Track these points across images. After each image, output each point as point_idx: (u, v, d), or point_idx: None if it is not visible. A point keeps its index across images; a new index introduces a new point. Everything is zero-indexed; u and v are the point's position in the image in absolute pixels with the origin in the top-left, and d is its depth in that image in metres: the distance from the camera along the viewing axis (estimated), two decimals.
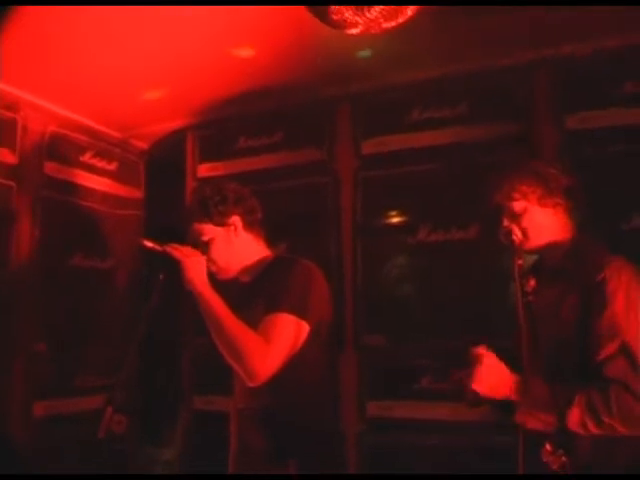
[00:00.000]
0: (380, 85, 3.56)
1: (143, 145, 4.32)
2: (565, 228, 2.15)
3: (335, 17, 2.17)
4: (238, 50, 3.25)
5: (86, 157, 3.94)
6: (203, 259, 2.24)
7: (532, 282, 2.17)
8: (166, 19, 2.87)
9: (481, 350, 1.99)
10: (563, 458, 1.89)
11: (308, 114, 3.79)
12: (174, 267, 2.16)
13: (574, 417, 1.86)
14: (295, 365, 2.17)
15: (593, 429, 1.86)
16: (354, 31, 2.18)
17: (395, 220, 3.57)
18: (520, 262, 2.08)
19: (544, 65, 3.30)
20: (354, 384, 3.49)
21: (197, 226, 2.32)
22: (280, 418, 2.23)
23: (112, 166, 4.11)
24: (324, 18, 2.20)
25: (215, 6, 2.74)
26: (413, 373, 3.37)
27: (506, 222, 2.14)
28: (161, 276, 2.19)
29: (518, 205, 2.12)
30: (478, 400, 2.01)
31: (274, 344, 2.12)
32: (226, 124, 3.98)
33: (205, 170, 4.01)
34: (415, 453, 3.33)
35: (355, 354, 3.51)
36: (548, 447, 1.91)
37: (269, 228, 2.83)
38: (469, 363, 1.99)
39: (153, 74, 3.48)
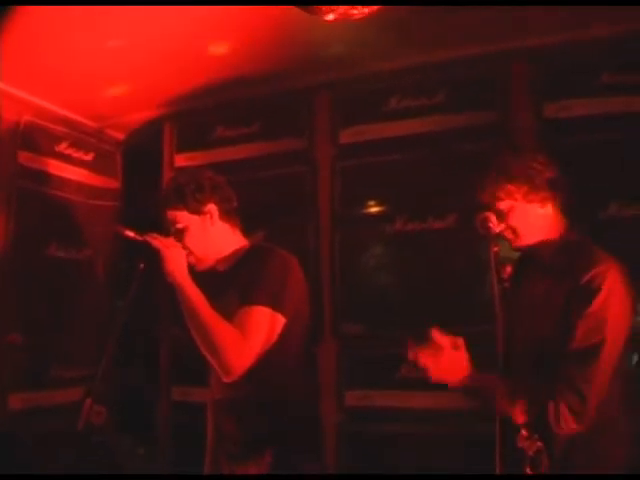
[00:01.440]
0: (358, 74, 3.55)
1: (120, 135, 4.27)
2: (555, 223, 2.12)
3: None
4: (214, 39, 3.23)
5: (62, 147, 3.89)
6: (183, 250, 2.22)
7: (508, 269, 2.18)
8: (142, 9, 2.84)
9: (438, 334, 2.00)
10: (538, 443, 1.90)
11: (286, 103, 3.78)
12: (154, 257, 2.15)
13: (552, 413, 1.86)
14: (271, 356, 2.17)
15: (571, 425, 1.86)
16: (330, 17, 2.16)
17: (373, 209, 3.57)
18: (496, 249, 2.08)
19: (522, 54, 3.30)
20: (333, 374, 3.50)
21: (172, 213, 2.30)
22: (257, 408, 2.23)
23: (88, 156, 4.06)
24: (299, 3, 2.18)
25: None
26: (392, 362, 3.36)
27: (494, 221, 2.10)
28: (141, 266, 2.17)
29: (504, 204, 2.09)
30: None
31: (250, 338, 2.11)
32: (203, 114, 3.95)
33: (182, 160, 3.97)
34: (395, 442, 3.34)
35: (334, 343, 3.51)
36: (524, 432, 1.92)
37: (247, 217, 2.80)
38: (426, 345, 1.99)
39: (129, 63, 3.44)
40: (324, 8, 2.12)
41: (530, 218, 2.09)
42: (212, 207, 2.30)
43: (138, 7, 2.81)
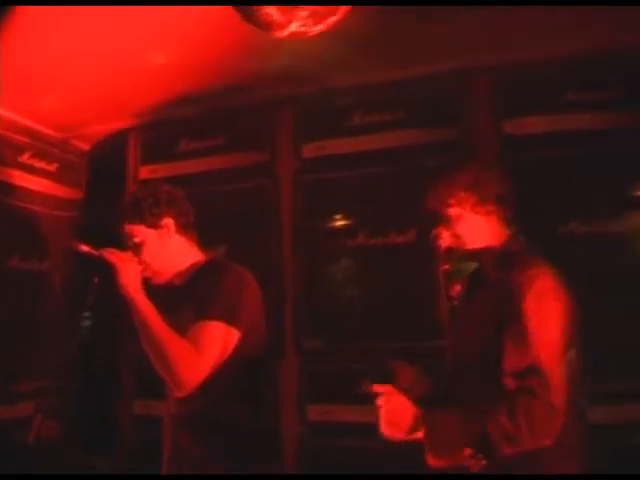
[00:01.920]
0: (322, 89, 3.56)
1: (84, 146, 4.24)
2: (498, 235, 2.13)
3: (262, 19, 2.15)
4: (179, 52, 3.22)
5: (24, 157, 3.85)
6: (138, 265, 2.21)
7: (457, 287, 2.18)
8: (111, 18, 2.82)
9: (383, 389, 1.98)
10: (483, 461, 1.90)
11: (250, 117, 3.78)
12: (109, 271, 2.14)
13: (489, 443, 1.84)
14: (226, 371, 2.16)
15: (507, 450, 1.82)
16: (282, 34, 2.17)
17: (335, 224, 3.58)
18: (446, 267, 2.09)
19: (484, 71, 3.34)
20: (294, 388, 3.49)
21: (129, 227, 2.30)
22: (211, 423, 2.22)
23: (52, 167, 4.03)
24: (251, 20, 2.19)
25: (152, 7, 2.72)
26: (353, 376, 3.36)
27: (440, 228, 2.14)
28: (95, 280, 2.17)
29: (454, 211, 2.11)
30: None
31: (203, 353, 2.10)
32: (168, 126, 3.94)
33: (146, 172, 3.96)
34: (355, 456, 3.32)
35: (296, 358, 3.50)
36: (467, 451, 1.92)
37: (210, 230, 2.78)
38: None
39: (93, 74, 3.41)
40: (276, 26, 2.12)
41: (475, 228, 2.11)
42: (169, 221, 2.30)
43: (106, 15, 2.80)
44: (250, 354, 2.26)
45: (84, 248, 2.19)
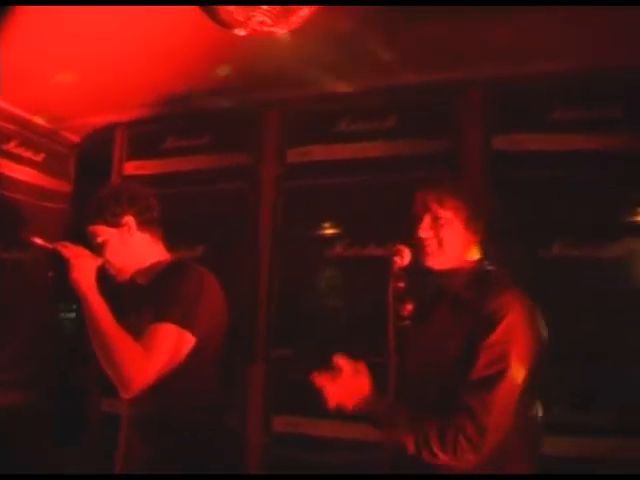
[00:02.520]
0: (310, 94, 3.48)
1: (74, 138, 4.21)
2: (474, 254, 2.06)
3: (223, 17, 2.09)
4: (170, 50, 3.17)
5: (11, 146, 3.83)
6: (94, 260, 2.18)
7: (409, 306, 2.10)
8: (104, 14, 2.79)
9: (340, 359, 1.99)
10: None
11: (237, 118, 3.72)
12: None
13: (410, 445, 1.84)
14: (179, 375, 2.11)
15: (427, 458, 1.82)
16: (241, 32, 2.11)
17: (314, 232, 3.50)
18: (400, 285, 2.00)
19: (476, 84, 3.27)
20: (260, 397, 3.41)
21: (92, 228, 2.29)
22: (160, 427, 2.18)
23: (39, 157, 4.00)
24: (214, 17, 2.13)
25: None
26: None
27: (404, 254, 2.07)
28: (49, 274, 2.14)
29: (445, 214, 2.00)
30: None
31: (151, 356, 2.06)
32: (156, 123, 3.89)
33: (131, 168, 3.92)
34: (318, 471, 3.22)
35: (264, 366, 3.42)
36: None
37: (189, 230, 2.73)
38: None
39: (86, 66, 3.38)
40: (236, 23, 2.05)
41: (458, 240, 2.02)
42: (129, 219, 2.27)
43: (99, 8, 2.77)
44: (207, 359, 2.21)
45: (38, 241, 2.18)
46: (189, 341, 2.12)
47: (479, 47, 3.01)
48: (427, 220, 2.02)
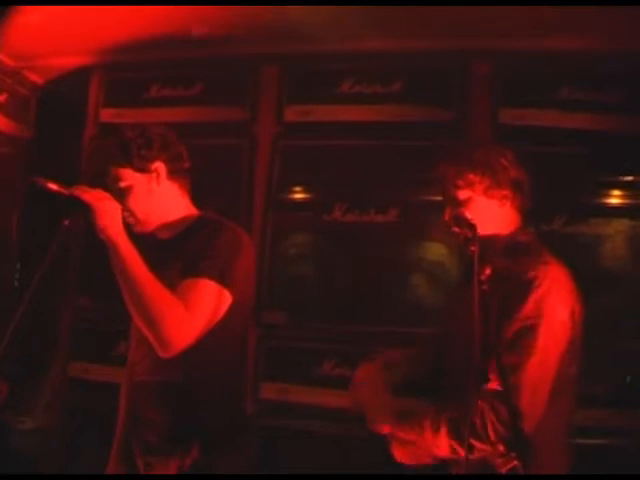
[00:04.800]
0: (313, 51, 3.34)
1: (38, 79, 3.85)
2: (510, 222, 2.04)
3: None
4: None
5: None
6: (118, 204, 1.95)
7: (488, 271, 2.03)
8: None
9: None
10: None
11: (233, 68, 3.51)
12: (81, 213, 1.87)
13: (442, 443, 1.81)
14: (212, 338, 1.95)
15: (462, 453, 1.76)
16: None
17: (311, 194, 3.38)
18: (474, 249, 1.93)
19: (486, 55, 3.23)
20: (250, 363, 3.27)
21: (114, 170, 2.06)
22: (188, 395, 2.01)
23: (1, 97, 3.63)
24: None
25: None
26: (314, 357, 3.22)
27: (448, 211, 2.02)
28: (66, 222, 1.88)
29: (463, 193, 1.99)
30: None
31: (193, 312, 1.89)
32: (139, 68, 3.61)
33: (108, 115, 3.62)
34: (307, 440, 3.18)
35: (254, 331, 3.28)
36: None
37: None
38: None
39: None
40: None
41: (486, 213, 1.98)
42: (160, 165, 2.08)
43: None
44: (238, 322, 2.07)
45: (52, 186, 1.85)
46: (227, 300, 1.97)
47: (493, 19, 2.98)
48: (447, 208, 2.03)
